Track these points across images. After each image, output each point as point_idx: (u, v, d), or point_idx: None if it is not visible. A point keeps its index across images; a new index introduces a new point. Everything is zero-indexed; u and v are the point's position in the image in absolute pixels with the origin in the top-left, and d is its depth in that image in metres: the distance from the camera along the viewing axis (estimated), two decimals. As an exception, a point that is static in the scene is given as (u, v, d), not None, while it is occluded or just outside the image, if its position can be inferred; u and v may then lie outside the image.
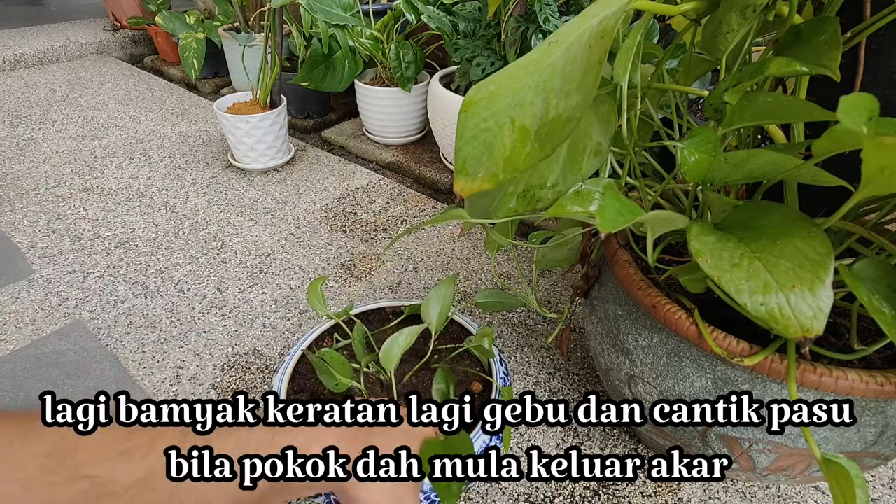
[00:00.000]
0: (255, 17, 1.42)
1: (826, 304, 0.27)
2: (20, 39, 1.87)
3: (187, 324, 0.75)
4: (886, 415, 0.36)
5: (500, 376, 0.56)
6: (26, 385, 0.65)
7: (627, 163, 0.41)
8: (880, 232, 0.38)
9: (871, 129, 0.23)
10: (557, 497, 0.54)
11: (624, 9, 0.26)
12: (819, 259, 0.28)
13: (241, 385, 0.66)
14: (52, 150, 1.23)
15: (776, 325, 0.28)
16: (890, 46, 0.37)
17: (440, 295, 0.58)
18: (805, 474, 0.41)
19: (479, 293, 0.63)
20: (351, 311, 0.61)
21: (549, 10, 0.89)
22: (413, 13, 1.10)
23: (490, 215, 0.41)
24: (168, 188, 1.09)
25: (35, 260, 0.87)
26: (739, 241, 0.31)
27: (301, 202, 1.06)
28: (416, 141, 1.29)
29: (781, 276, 0.28)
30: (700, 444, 0.43)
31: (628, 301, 0.45)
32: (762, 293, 0.28)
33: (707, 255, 0.30)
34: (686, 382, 0.40)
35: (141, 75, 1.74)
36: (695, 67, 0.47)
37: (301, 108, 1.40)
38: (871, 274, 0.32)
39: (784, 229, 0.31)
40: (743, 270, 0.29)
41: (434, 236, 0.96)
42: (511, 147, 0.29)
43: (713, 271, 0.29)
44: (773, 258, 0.29)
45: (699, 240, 0.31)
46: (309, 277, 0.85)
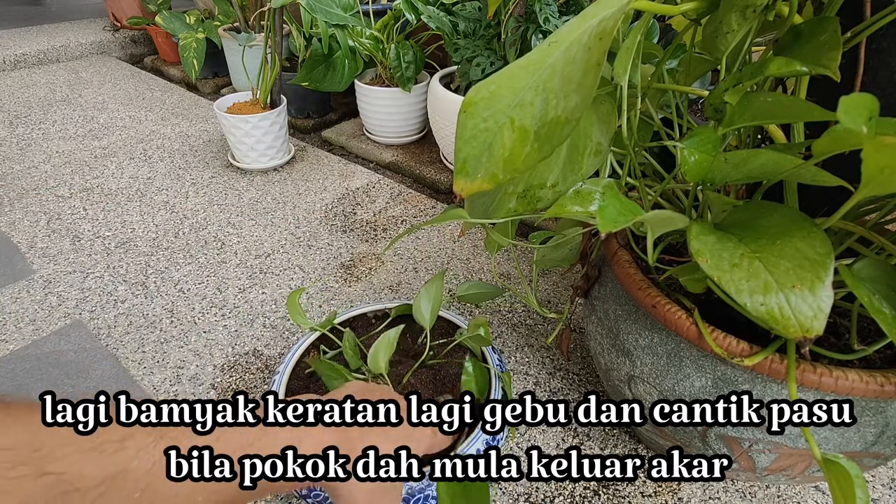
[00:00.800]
0: (255, 17, 1.42)
1: (826, 304, 0.27)
2: (20, 39, 1.87)
3: (187, 324, 0.75)
4: (886, 415, 0.36)
5: (497, 363, 0.57)
6: (26, 385, 0.65)
7: (627, 163, 0.41)
8: (880, 232, 0.38)
9: (871, 128, 0.23)
10: (557, 497, 0.54)
11: (623, 10, 0.26)
12: (819, 259, 0.28)
13: (241, 385, 0.66)
14: (52, 150, 1.23)
15: (776, 325, 0.28)
16: (890, 46, 0.37)
17: (430, 294, 0.58)
18: (805, 474, 0.41)
19: (460, 286, 0.64)
20: (335, 320, 0.61)
21: (549, 10, 0.89)
22: (413, 13, 1.10)
23: (490, 215, 0.41)
24: (168, 188, 1.09)
25: (35, 260, 0.87)
26: (739, 241, 0.31)
27: (301, 202, 1.06)
28: (416, 141, 1.29)
29: (781, 276, 0.28)
30: (700, 444, 0.43)
31: (628, 301, 0.45)
32: (762, 293, 0.28)
33: (707, 255, 0.30)
34: (686, 382, 0.40)
35: (141, 75, 1.74)
36: (695, 67, 0.47)
37: (301, 108, 1.40)
38: (871, 274, 0.32)
39: (784, 229, 0.31)
40: (743, 270, 0.29)
41: (434, 236, 0.96)
42: (511, 147, 0.29)
43: (713, 271, 0.29)
44: (773, 258, 0.29)
45: (699, 240, 0.31)
46: (309, 277, 0.85)
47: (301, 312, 0.58)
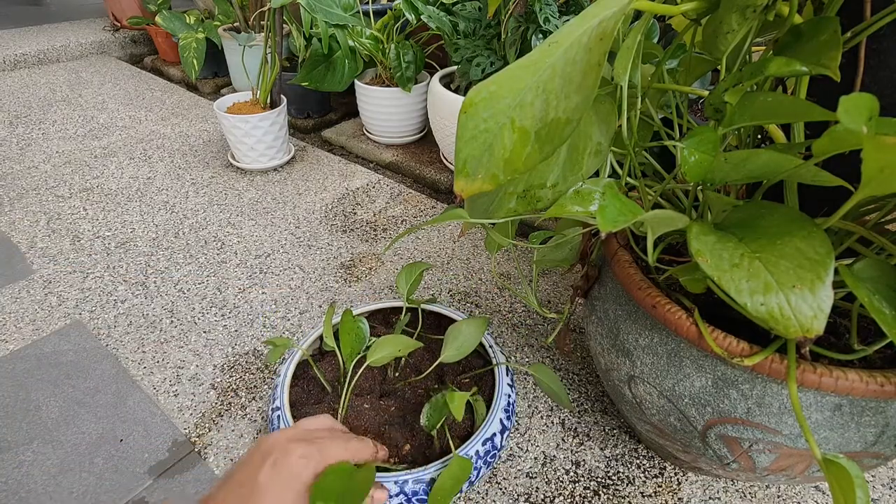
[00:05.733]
0: (255, 17, 1.42)
1: (826, 304, 0.27)
2: (20, 39, 1.87)
3: (187, 324, 0.75)
4: (886, 415, 0.36)
5: (490, 344, 0.58)
6: (26, 385, 0.65)
7: (627, 163, 0.41)
8: (880, 232, 0.38)
9: (872, 128, 0.23)
10: (557, 497, 0.54)
11: (623, 10, 0.26)
12: (819, 259, 0.28)
13: (241, 385, 0.66)
14: (52, 150, 1.23)
15: (776, 325, 0.28)
16: (890, 46, 0.37)
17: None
18: (805, 474, 0.41)
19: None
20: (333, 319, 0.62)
21: (549, 10, 0.89)
22: (413, 13, 1.09)
23: (490, 215, 0.41)
24: (168, 188, 1.09)
25: (35, 260, 0.87)
26: (740, 241, 0.31)
27: (301, 202, 1.06)
28: (416, 141, 1.29)
29: (782, 276, 0.28)
30: (700, 443, 0.43)
31: (628, 301, 0.45)
32: (762, 293, 0.28)
33: (707, 254, 0.30)
34: (686, 382, 0.40)
35: (141, 75, 1.74)
36: (695, 67, 0.47)
37: (301, 108, 1.40)
38: (871, 274, 0.32)
39: (784, 229, 0.31)
40: (743, 270, 0.29)
41: (434, 236, 0.96)
42: (511, 148, 0.29)
43: (713, 271, 0.29)
44: (773, 258, 0.29)
45: (699, 240, 0.31)
46: (309, 277, 0.85)
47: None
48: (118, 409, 0.63)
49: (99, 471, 0.57)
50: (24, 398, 0.64)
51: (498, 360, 0.58)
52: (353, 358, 0.56)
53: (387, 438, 0.52)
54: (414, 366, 0.60)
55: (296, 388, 0.58)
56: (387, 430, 0.53)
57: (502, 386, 0.55)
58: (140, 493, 0.54)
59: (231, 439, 0.60)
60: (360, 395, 0.56)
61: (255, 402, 0.64)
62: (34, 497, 0.54)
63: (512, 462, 0.58)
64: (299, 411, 0.55)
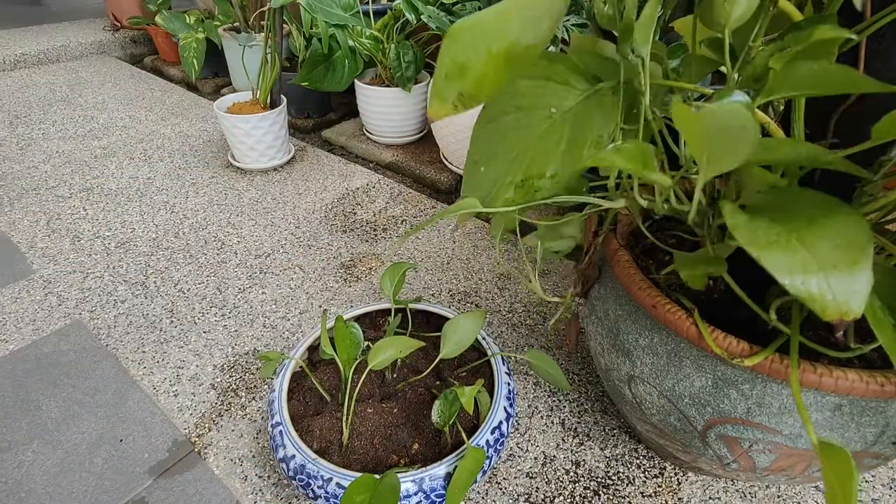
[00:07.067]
0: (255, 17, 1.42)
1: (866, 287, 0.26)
2: (20, 39, 1.87)
3: (187, 324, 0.75)
4: (886, 415, 0.36)
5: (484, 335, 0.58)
6: (26, 385, 0.65)
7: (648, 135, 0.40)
8: (880, 232, 0.38)
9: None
10: (557, 497, 0.54)
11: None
12: (859, 242, 0.27)
13: (241, 385, 0.66)
14: (52, 150, 1.23)
15: (813, 304, 0.26)
16: (890, 46, 0.37)
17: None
18: (805, 474, 0.41)
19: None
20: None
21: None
22: (413, 13, 1.10)
23: (488, 205, 0.40)
24: (168, 188, 1.09)
25: (35, 260, 0.87)
26: (772, 221, 0.30)
27: (301, 202, 1.06)
28: (416, 141, 1.29)
29: (821, 256, 0.27)
30: (700, 443, 0.43)
31: (628, 301, 0.45)
32: (802, 272, 0.27)
33: (744, 229, 0.29)
34: (686, 382, 0.40)
35: (141, 75, 1.74)
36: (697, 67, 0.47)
37: (301, 108, 1.40)
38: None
39: (821, 212, 0.29)
40: (781, 247, 0.28)
41: (434, 236, 0.96)
42: (482, 70, 0.30)
43: (752, 248, 0.28)
44: (811, 238, 0.28)
45: (734, 217, 0.30)
46: (309, 277, 0.85)
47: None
48: (118, 409, 0.63)
49: (99, 471, 0.57)
50: (24, 398, 0.64)
51: (493, 350, 0.59)
52: (351, 364, 0.56)
53: (394, 440, 0.52)
54: (411, 366, 0.60)
55: (293, 401, 0.57)
56: (393, 431, 0.53)
57: (501, 375, 0.56)
58: (140, 493, 0.54)
59: (231, 439, 0.60)
60: (362, 401, 0.56)
61: (255, 402, 0.64)
62: (34, 497, 0.54)
63: (512, 462, 0.58)
64: (300, 425, 0.54)
